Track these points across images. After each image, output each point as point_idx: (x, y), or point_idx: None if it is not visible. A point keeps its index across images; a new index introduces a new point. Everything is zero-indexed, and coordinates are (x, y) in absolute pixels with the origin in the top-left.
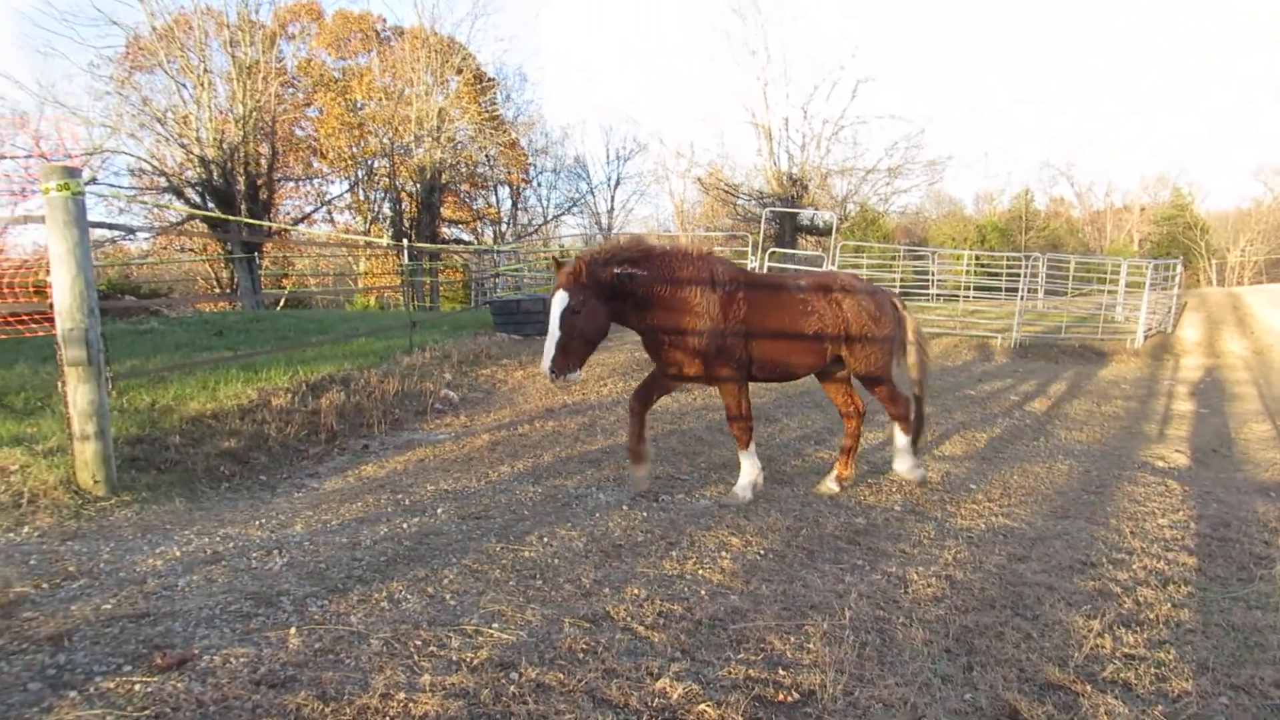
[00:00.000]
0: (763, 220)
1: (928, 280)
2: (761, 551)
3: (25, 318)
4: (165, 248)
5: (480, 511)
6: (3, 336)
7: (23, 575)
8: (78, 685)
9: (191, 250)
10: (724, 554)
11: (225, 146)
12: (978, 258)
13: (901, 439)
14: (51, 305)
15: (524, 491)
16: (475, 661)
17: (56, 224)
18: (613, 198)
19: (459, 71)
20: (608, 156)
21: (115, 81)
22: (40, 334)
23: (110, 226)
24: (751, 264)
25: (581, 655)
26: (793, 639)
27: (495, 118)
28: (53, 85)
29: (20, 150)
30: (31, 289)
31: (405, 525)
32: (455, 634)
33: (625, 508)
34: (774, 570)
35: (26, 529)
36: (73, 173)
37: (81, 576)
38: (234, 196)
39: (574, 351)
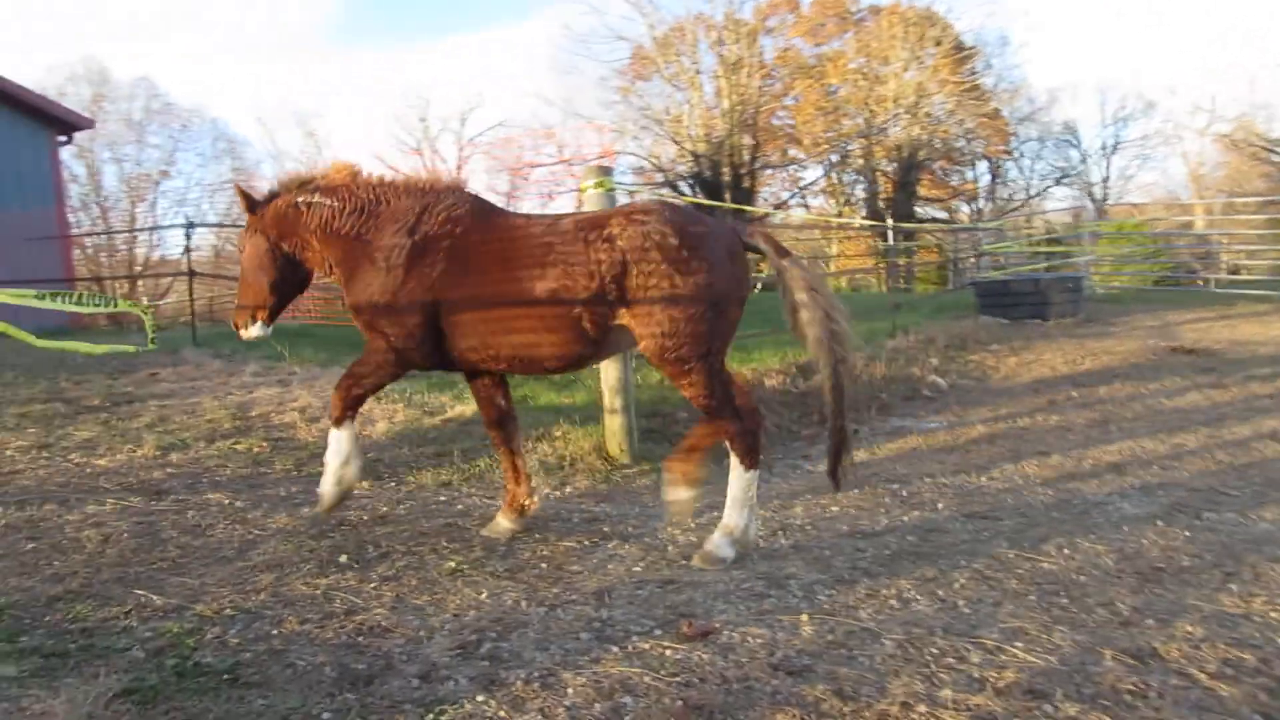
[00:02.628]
0: None
1: None
2: None
3: None
4: None
5: (985, 511)
6: None
7: (570, 530)
8: (618, 641)
9: None
10: None
11: (712, 140)
12: None
13: (739, 475)
14: None
15: (1032, 492)
16: (1000, 683)
17: None
18: (1108, 165)
19: (938, 43)
20: (1103, 119)
21: (621, 91)
22: None
23: None
24: None
25: (1129, 698)
26: None
27: (975, 88)
28: (572, 100)
29: (548, 158)
30: None
31: (905, 519)
32: (974, 647)
33: (1159, 523)
34: None
35: (569, 488)
36: (607, 171)
37: (614, 537)
38: (720, 186)
39: (246, 298)
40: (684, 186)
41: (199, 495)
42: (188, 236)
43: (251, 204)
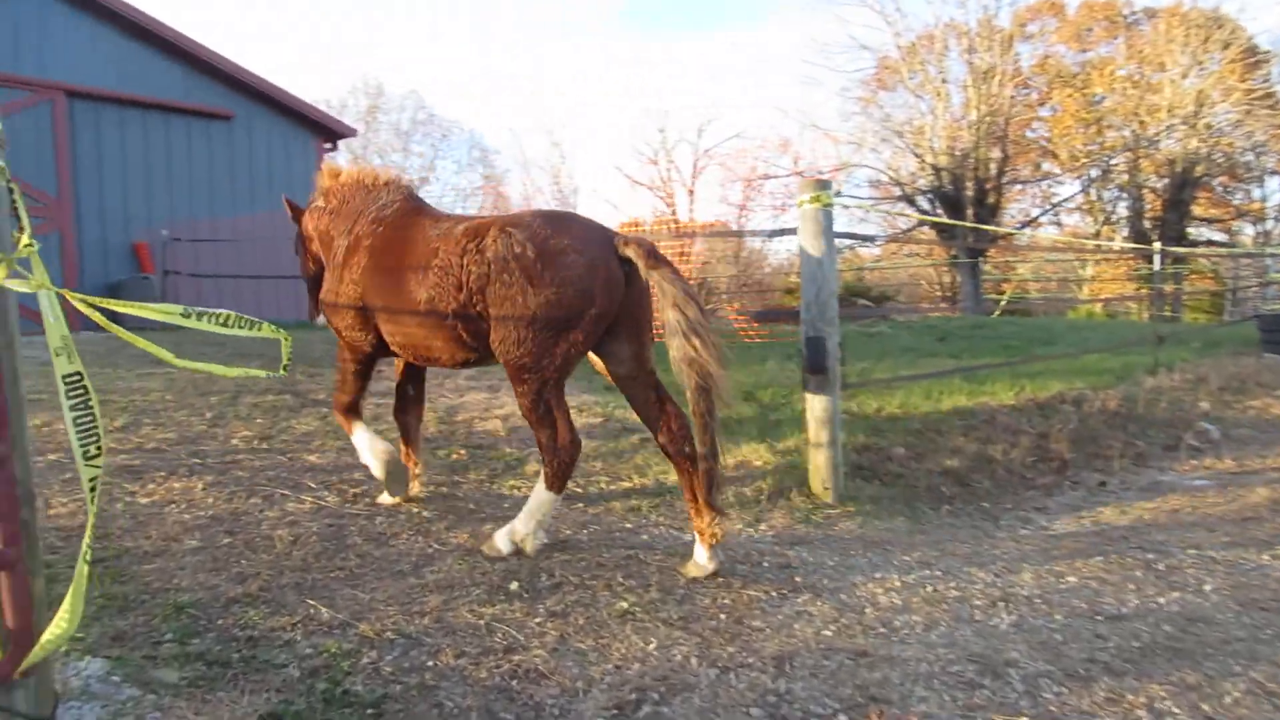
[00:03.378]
0: None
1: None
2: None
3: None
4: (894, 253)
5: (1268, 600)
6: (757, 339)
7: (757, 576)
8: None
9: (917, 255)
10: None
11: (956, 153)
12: None
13: (540, 491)
14: (795, 308)
15: None
16: None
17: (807, 234)
18: None
19: (1225, 47)
20: None
21: (861, 102)
22: (784, 333)
23: (852, 236)
24: None
25: None
26: None
27: (1269, 96)
28: (810, 112)
29: (782, 170)
30: (783, 291)
31: (1161, 600)
32: None
33: None
34: None
35: (763, 526)
36: (824, 185)
37: (805, 590)
38: (962, 202)
39: (311, 292)
40: (923, 201)
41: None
42: None
43: (295, 213)
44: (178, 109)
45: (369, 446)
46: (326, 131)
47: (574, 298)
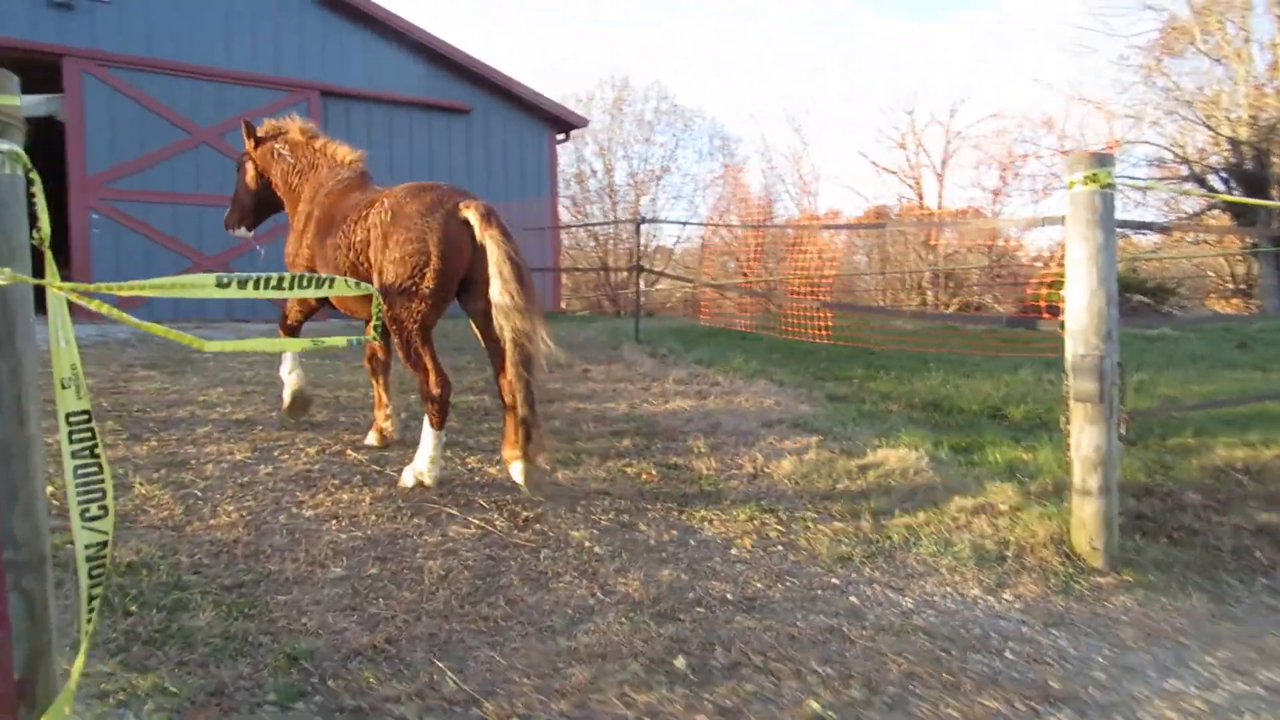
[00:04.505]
0: None
1: None
2: None
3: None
4: (1175, 240)
5: None
6: (1003, 353)
7: (996, 672)
8: None
9: (1205, 242)
10: None
11: (1260, 124)
12: None
13: (427, 431)
14: (1058, 316)
15: None
16: None
17: (1078, 223)
18: None
19: None
20: None
21: (1143, 70)
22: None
23: (1140, 226)
24: None
25: None
26: None
27: None
28: (1080, 84)
29: (1045, 150)
30: (1045, 283)
31: None
32: None
33: None
34: None
35: (1007, 594)
36: (1103, 161)
37: (1065, 703)
38: (1267, 180)
39: (236, 206)
40: (1215, 180)
41: (560, 530)
42: (638, 232)
43: (251, 136)
44: (420, 104)
45: (289, 375)
46: (559, 123)
47: (414, 256)
